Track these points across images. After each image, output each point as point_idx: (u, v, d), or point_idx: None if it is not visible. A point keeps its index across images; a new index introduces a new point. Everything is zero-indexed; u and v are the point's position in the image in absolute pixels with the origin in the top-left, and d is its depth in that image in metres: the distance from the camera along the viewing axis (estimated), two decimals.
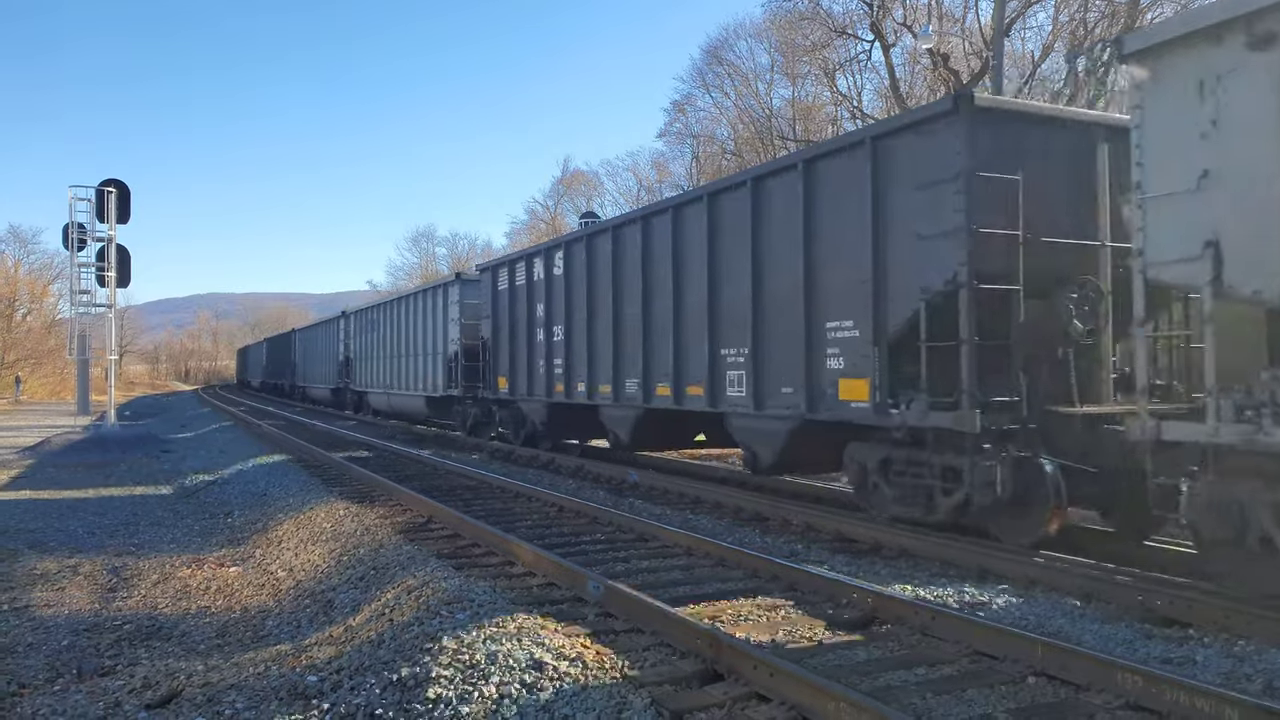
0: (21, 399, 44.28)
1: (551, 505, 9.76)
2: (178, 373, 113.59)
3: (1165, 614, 5.30)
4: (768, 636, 4.99)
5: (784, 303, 8.72)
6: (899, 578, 6.49)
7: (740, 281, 9.30)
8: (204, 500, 12.40)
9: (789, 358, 8.64)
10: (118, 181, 21.07)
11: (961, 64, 26.68)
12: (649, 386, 11.14)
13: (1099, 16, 24.16)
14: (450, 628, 4.86)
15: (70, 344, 23.11)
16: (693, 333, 10.23)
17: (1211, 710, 3.68)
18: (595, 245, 12.52)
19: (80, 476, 14.62)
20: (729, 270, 9.56)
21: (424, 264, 72.84)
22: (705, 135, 39.97)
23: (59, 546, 8.89)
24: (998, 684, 4.28)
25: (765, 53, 35.89)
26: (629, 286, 11.60)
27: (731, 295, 9.52)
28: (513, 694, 4.04)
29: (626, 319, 11.65)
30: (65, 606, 6.72)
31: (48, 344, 53.60)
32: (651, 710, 3.83)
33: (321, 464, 14.20)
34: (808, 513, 8.59)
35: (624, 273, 11.76)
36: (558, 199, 56.16)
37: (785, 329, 8.68)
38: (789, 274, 8.61)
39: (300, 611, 6.46)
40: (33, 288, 57.93)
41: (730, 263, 9.53)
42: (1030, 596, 5.87)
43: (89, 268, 21.26)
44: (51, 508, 11.35)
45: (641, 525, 8.11)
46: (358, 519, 8.79)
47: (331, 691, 4.53)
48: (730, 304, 9.55)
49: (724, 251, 9.71)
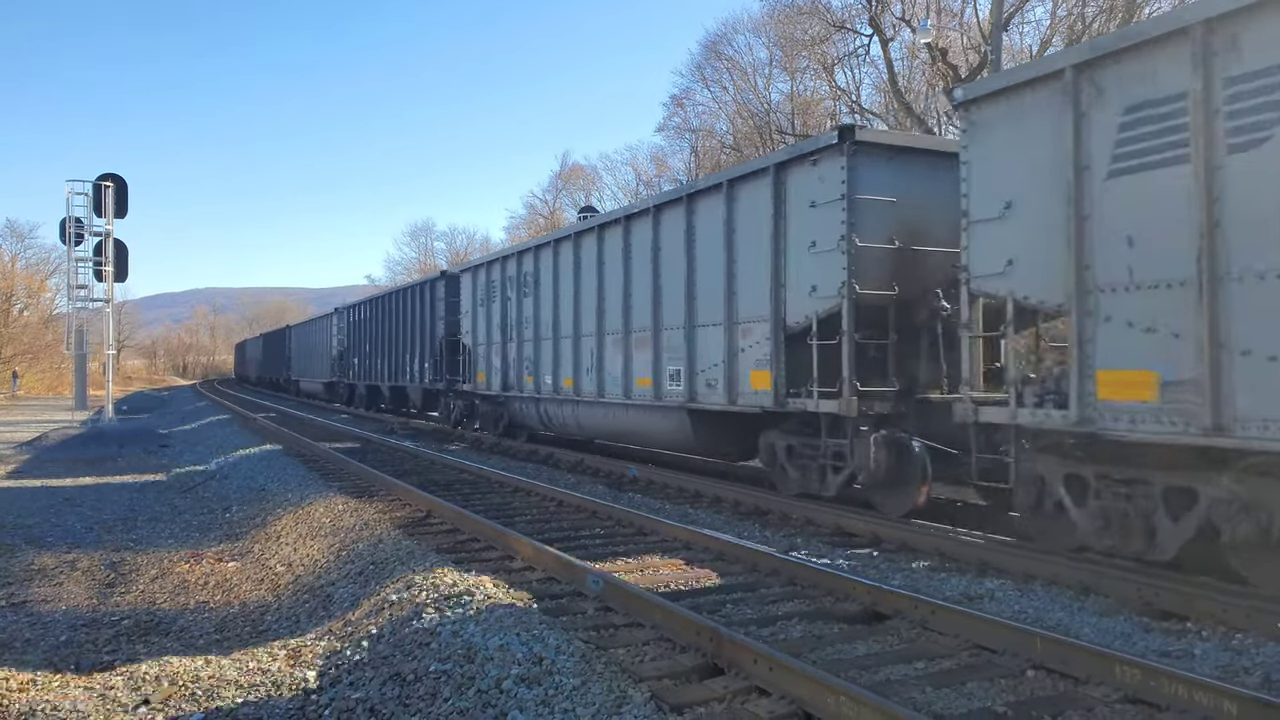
0: (19, 394, 44.22)
1: (551, 500, 9.77)
2: (175, 368, 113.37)
3: (1163, 607, 5.31)
4: (766, 630, 4.99)
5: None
6: (898, 571, 6.51)
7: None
8: (202, 495, 12.39)
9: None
10: (115, 176, 21.04)
11: (960, 58, 26.65)
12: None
13: (1097, 11, 24.13)
14: (449, 622, 4.86)
15: (68, 339, 23.09)
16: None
17: (1210, 703, 3.68)
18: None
19: (78, 471, 14.60)
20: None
21: (422, 258, 72.81)
22: (704, 130, 39.98)
23: (57, 541, 8.87)
24: (997, 677, 4.28)
25: (764, 47, 35.89)
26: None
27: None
28: (511, 688, 4.03)
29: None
30: (63, 601, 6.71)
31: (45, 339, 53.48)
32: (651, 704, 3.83)
33: (319, 458, 14.22)
34: (807, 507, 8.60)
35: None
36: (556, 193, 56.16)
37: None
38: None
39: (299, 606, 6.46)
40: (30, 282, 57.81)
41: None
42: (1029, 590, 5.88)
43: (86, 262, 21.24)
44: (49, 503, 11.33)
45: (641, 519, 8.11)
46: (356, 514, 8.78)
47: (330, 686, 4.53)
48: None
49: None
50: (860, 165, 8.16)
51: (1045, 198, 6.28)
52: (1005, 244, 6.60)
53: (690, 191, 10.66)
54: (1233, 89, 5.20)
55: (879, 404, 8.16)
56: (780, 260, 8.96)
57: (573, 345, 13.24)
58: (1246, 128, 5.14)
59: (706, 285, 10.23)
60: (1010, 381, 6.63)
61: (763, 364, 9.21)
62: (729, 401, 9.75)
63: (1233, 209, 5.20)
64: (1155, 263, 5.60)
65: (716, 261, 9.94)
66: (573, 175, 55.29)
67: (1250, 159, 5.12)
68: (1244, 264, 5.14)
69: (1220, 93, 5.25)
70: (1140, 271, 5.68)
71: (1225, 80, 5.23)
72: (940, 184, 8.05)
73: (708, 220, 10.21)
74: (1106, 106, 5.88)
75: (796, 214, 8.82)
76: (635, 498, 10.17)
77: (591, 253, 12.74)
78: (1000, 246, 6.64)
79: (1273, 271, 5.01)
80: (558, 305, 13.79)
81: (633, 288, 11.64)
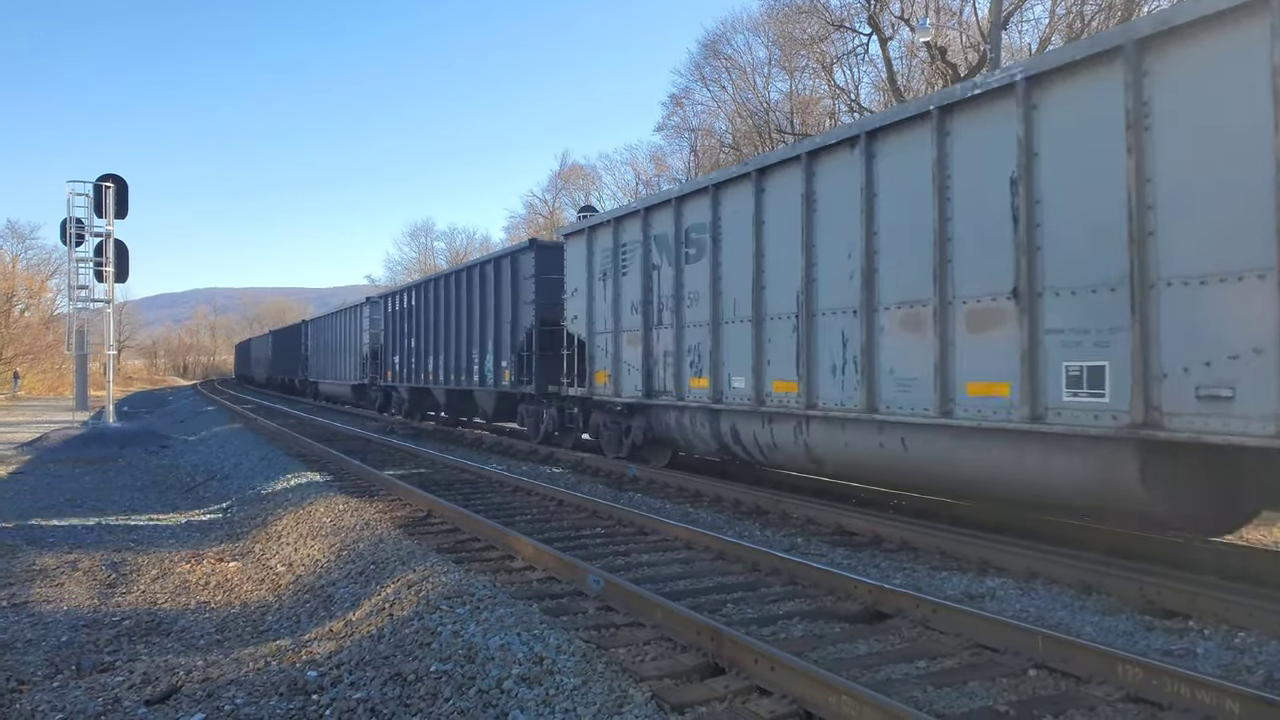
0: (20, 395, 44.23)
1: (551, 499, 9.76)
2: (176, 368, 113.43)
3: (1165, 606, 5.30)
4: (767, 629, 4.99)
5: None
6: (899, 570, 6.50)
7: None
8: (202, 495, 12.39)
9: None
10: (115, 176, 21.01)
11: (959, 57, 26.64)
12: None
13: (1096, 9, 24.10)
14: (450, 622, 4.85)
15: (68, 339, 23.07)
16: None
17: (1213, 702, 3.68)
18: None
19: (78, 472, 14.60)
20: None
21: (422, 258, 72.86)
22: (703, 129, 39.96)
23: (58, 542, 8.87)
24: (999, 676, 4.28)
25: (763, 46, 35.89)
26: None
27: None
28: (511, 688, 4.03)
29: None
30: (64, 602, 6.70)
31: (46, 339, 53.52)
32: (652, 704, 3.82)
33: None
34: (807, 506, 8.59)
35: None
36: (555, 193, 56.20)
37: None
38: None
39: (300, 606, 6.45)
40: (31, 283, 57.85)
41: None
42: (1030, 588, 5.88)
43: (87, 263, 21.21)
44: (50, 503, 11.33)
45: (641, 519, 8.11)
46: (357, 514, 8.78)
47: (331, 686, 4.52)
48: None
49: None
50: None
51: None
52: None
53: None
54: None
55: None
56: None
57: (797, 328, 8.71)
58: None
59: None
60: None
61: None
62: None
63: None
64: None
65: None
66: (572, 175, 55.35)
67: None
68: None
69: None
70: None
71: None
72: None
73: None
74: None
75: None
76: (636, 497, 10.16)
77: (848, 177, 8.09)
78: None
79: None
80: (760, 268, 9.31)
81: (954, 228, 7.10)
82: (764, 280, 9.33)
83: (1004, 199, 6.67)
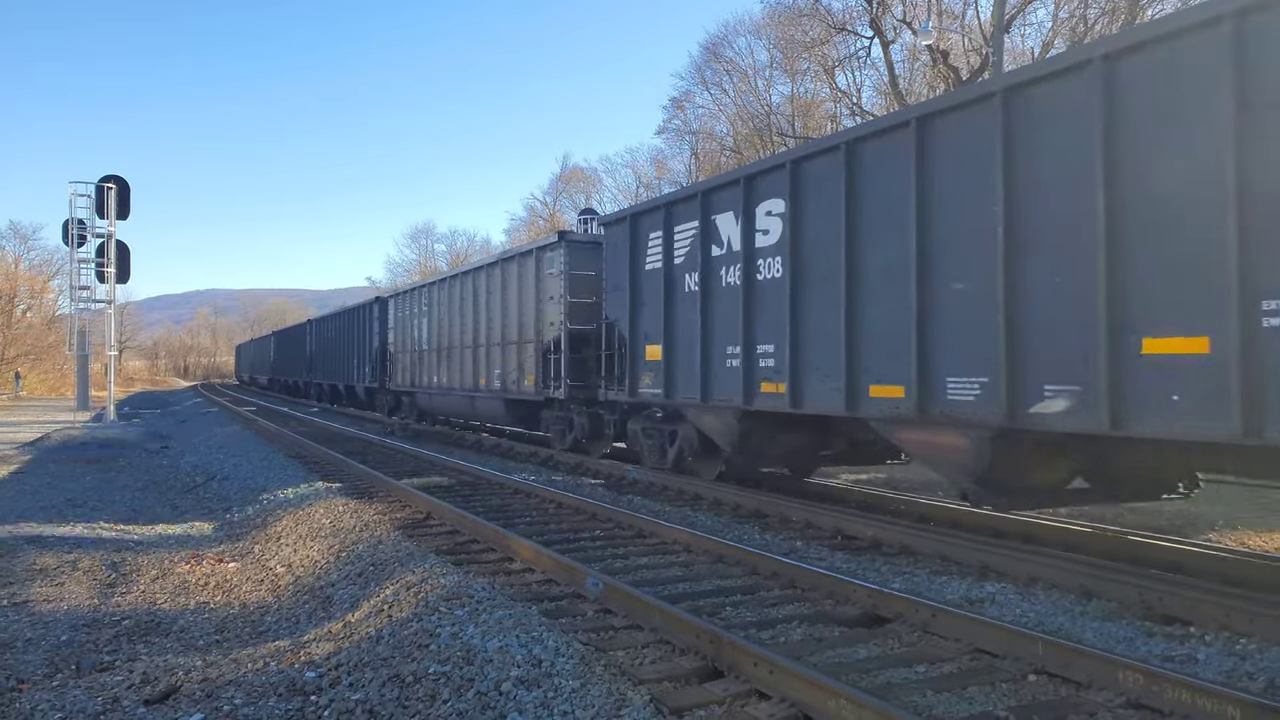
0: (21, 395, 44.27)
1: (551, 501, 9.75)
2: (176, 368, 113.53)
3: (1166, 612, 5.29)
4: (766, 633, 4.98)
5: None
6: (899, 574, 6.49)
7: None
8: (202, 496, 12.39)
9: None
10: (117, 178, 21.07)
11: (961, 60, 26.64)
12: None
13: (1099, 13, 24.11)
14: (448, 624, 4.85)
15: (70, 340, 23.11)
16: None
17: (1214, 709, 3.66)
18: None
19: (79, 472, 14.60)
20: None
21: (422, 261, 72.88)
22: (704, 132, 39.97)
23: (58, 541, 8.86)
24: (999, 681, 4.27)
25: (764, 49, 35.90)
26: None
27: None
28: (510, 690, 4.02)
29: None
30: (64, 602, 6.70)
31: (48, 340, 53.57)
32: (651, 707, 3.82)
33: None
34: (807, 510, 8.58)
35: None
36: (556, 195, 56.22)
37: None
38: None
39: (299, 607, 6.45)
40: (33, 284, 57.94)
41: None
42: (1031, 593, 5.87)
43: (89, 264, 21.27)
44: (50, 502, 11.33)
45: (640, 522, 8.10)
46: (356, 515, 8.77)
47: (330, 687, 4.52)
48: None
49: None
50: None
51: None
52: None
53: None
54: None
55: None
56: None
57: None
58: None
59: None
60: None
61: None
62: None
63: None
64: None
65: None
66: (573, 177, 55.39)
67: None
68: None
69: None
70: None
71: None
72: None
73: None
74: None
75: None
76: (635, 500, 10.15)
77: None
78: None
79: None
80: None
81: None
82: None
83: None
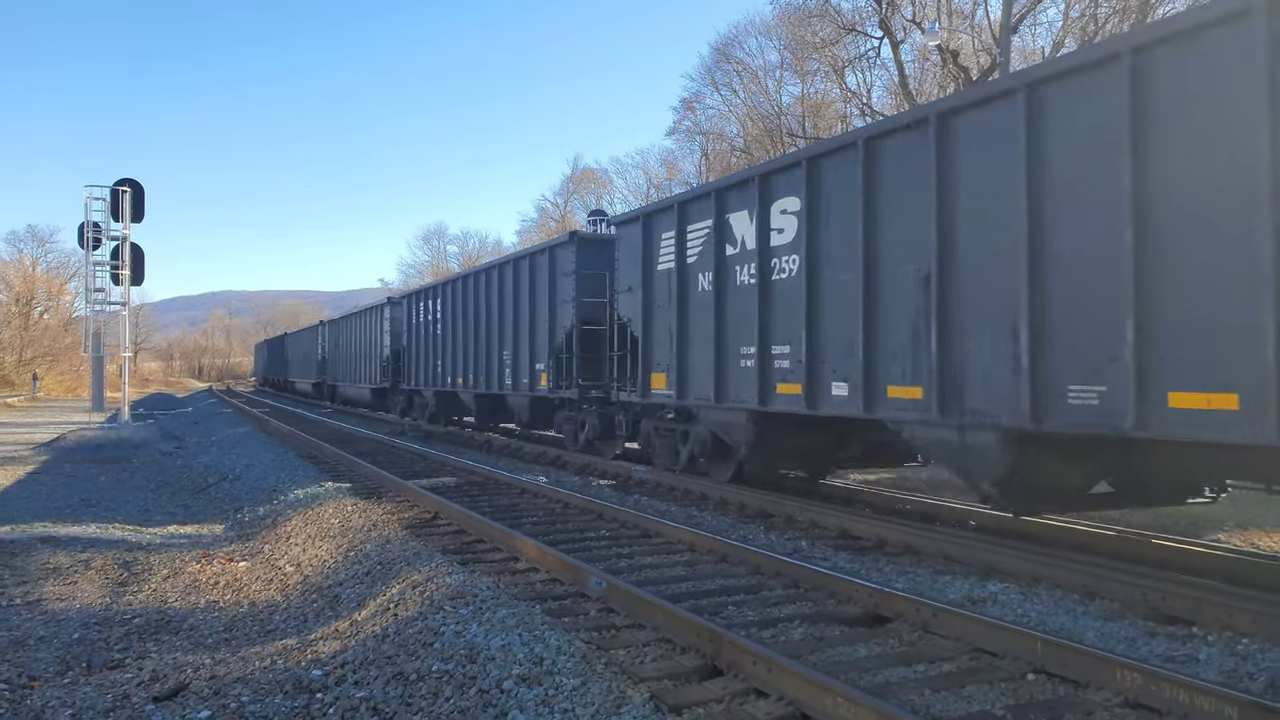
0: (38, 395, 44.75)
1: (558, 501, 9.80)
2: (191, 370, 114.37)
3: (1169, 612, 5.29)
4: (767, 632, 5.01)
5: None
6: (902, 574, 6.50)
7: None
8: (214, 496, 12.51)
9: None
10: (132, 181, 21.24)
11: (970, 60, 26.54)
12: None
13: (1110, 12, 23.97)
14: (453, 622, 4.90)
15: (85, 341, 23.34)
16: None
17: (1211, 708, 3.67)
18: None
19: (94, 472, 14.77)
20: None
21: (435, 262, 73.19)
22: (715, 133, 39.94)
23: (71, 541, 8.98)
24: (997, 680, 4.28)
25: (774, 50, 35.88)
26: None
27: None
28: (511, 688, 4.07)
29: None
30: (76, 600, 6.80)
31: (64, 341, 54.12)
32: (650, 705, 3.86)
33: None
34: (812, 510, 8.59)
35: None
36: (568, 196, 56.32)
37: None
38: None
39: (307, 606, 6.52)
40: (50, 286, 58.58)
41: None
42: (1033, 593, 5.87)
43: (104, 266, 21.45)
44: (65, 503, 11.47)
45: (645, 522, 8.14)
46: (365, 515, 8.85)
47: (336, 685, 4.58)
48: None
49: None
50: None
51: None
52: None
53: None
54: None
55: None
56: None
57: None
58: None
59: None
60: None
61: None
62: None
63: None
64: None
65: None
66: (584, 178, 55.48)
67: None
68: None
69: None
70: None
71: None
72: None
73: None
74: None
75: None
76: (641, 500, 10.19)
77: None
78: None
79: None
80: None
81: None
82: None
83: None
